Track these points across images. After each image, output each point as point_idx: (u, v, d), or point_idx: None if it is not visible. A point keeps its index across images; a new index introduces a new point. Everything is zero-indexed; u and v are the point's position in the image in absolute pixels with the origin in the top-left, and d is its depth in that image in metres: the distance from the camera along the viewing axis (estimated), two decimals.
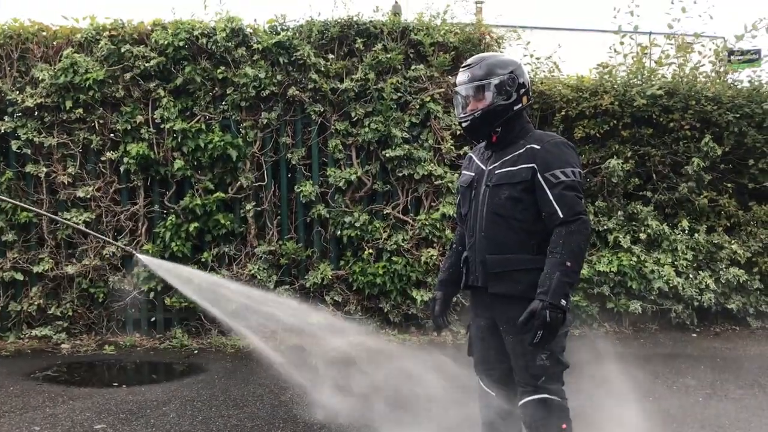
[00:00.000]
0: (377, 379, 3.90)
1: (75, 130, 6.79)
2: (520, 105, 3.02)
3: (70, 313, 6.79)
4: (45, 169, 6.75)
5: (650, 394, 5.12)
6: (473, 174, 3.14)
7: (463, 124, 3.09)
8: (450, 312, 3.43)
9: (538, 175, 2.89)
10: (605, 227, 7.19)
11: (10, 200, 3.32)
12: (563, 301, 2.76)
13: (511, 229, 2.96)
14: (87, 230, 5.15)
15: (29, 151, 6.77)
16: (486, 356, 3.17)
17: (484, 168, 3.09)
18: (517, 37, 7.53)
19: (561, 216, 2.84)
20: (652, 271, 7.00)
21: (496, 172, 3.01)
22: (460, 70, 3.11)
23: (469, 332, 3.29)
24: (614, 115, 7.23)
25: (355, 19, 6.97)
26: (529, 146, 2.96)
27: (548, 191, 2.87)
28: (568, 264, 2.78)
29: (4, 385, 5.44)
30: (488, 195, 3.01)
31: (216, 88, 6.85)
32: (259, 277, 6.74)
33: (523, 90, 3.04)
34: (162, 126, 6.78)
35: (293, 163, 6.95)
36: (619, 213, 7.26)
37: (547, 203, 2.87)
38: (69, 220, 6.01)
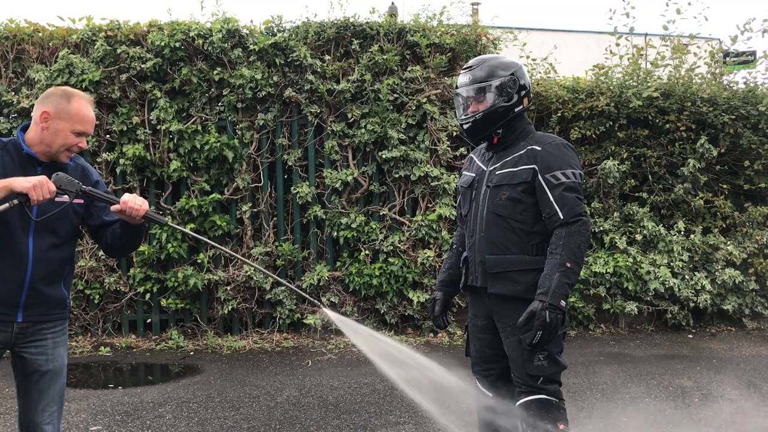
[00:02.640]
0: None
1: None
2: (521, 106, 3.03)
3: None
4: None
5: (646, 395, 5.13)
6: (474, 175, 3.15)
7: (465, 126, 3.09)
8: (449, 312, 3.43)
9: (539, 177, 2.90)
10: (601, 228, 7.20)
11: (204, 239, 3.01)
12: (563, 302, 2.77)
13: (511, 229, 2.96)
14: (275, 276, 4.67)
15: None
16: (483, 357, 3.17)
17: (484, 169, 3.10)
18: (513, 38, 7.53)
19: (561, 217, 2.85)
20: (648, 272, 7.00)
21: (497, 173, 3.02)
22: (461, 71, 3.12)
23: (467, 333, 3.29)
24: (610, 116, 7.25)
25: (351, 20, 6.97)
26: (529, 147, 2.97)
27: (549, 192, 2.88)
28: (568, 265, 2.79)
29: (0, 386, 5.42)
30: (489, 196, 3.02)
31: (212, 90, 6.84)
32: (255, 278, 6.74)
33: (524, 92, 3.05)
34: (158, 127, 6.77)
35: (290, 164, 6.95)
36: (615, 214, 7.28)
37: (548, 204, 2.88)
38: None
